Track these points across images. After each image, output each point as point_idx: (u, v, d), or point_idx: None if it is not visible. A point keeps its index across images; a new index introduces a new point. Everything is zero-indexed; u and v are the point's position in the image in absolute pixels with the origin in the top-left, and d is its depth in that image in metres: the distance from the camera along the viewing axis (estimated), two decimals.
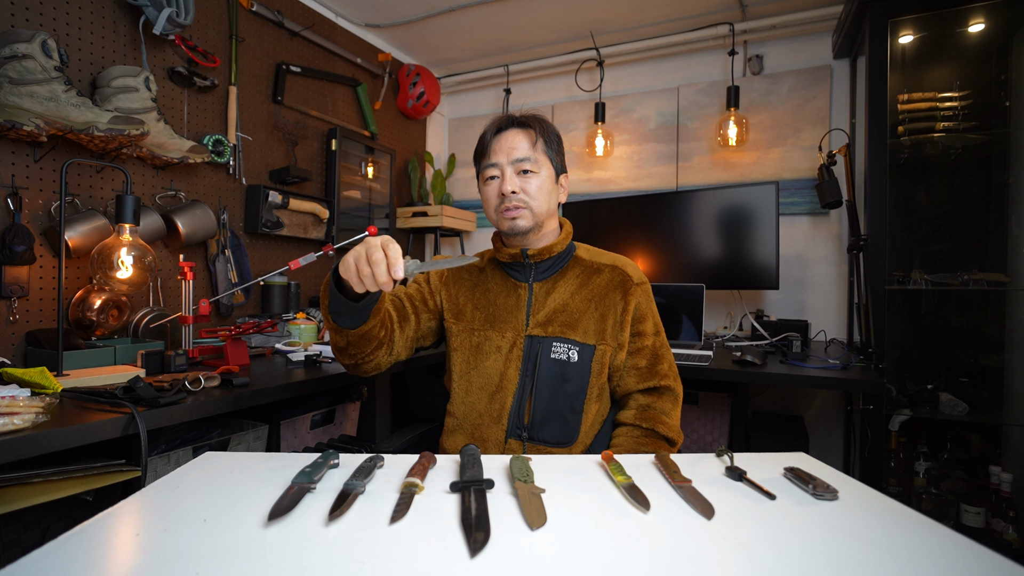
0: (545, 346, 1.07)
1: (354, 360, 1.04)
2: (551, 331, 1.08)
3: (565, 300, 1.10)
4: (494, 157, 1.08)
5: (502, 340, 1.10)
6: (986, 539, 1.59)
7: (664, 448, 1.06)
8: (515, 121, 1.10)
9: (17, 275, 1.37)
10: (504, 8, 2.35)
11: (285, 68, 2.14)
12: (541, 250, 1.10)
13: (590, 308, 1.09)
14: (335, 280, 0.93)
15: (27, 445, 0.85)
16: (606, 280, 1.11)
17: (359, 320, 0.96)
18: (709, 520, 0.58)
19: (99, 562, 0.48)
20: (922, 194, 2.02)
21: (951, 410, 1.65)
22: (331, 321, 0.97)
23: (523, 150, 1.07)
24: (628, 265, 1.15)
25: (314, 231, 2.24)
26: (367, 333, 0.98)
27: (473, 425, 1.09)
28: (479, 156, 1.12)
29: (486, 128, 1.12)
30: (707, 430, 2.11)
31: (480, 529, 0.53)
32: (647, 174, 2.65)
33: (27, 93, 1.30)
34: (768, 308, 2.35)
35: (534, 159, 1.07)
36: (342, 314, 0.95)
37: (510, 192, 1.05)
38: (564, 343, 1.07)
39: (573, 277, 1.12)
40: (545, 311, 1.10)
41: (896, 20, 1.80)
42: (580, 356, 1.07)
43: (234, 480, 0.68)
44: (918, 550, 0.52)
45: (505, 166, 1.07)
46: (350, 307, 0.93)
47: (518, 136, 1.08)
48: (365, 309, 0.95)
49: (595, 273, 1.12)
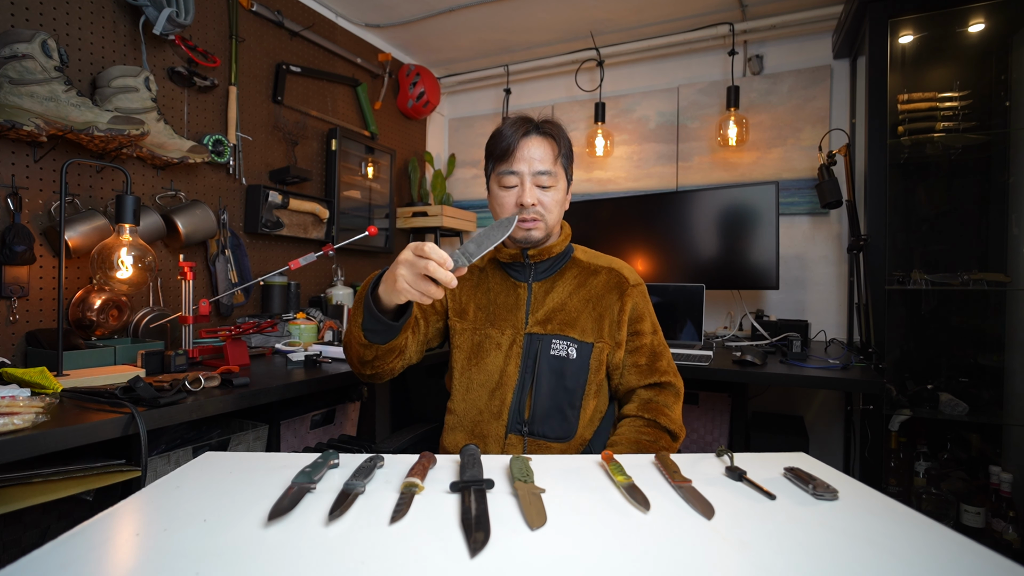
0: (544, 343, 1.10)
1: (376, 371, 1.05)
2: (550, 329, 1.10)
3: (563, 299, 1.12)
4: (516, 165, 1.06)
5: (502, 337, 1.12)
6: (986, 539, 1.60)
7: (666, 440, 1.08)
8: (538, 128, 1.09)
9: (17, 275, 1.37)
10: (504, 8, 2.35)
11: (285, 68, 2.14)
12: (540, 251, 1.12)
13: (587, 308, 1.12)
14: (374, 300, 0.93)
15: (27, 445, 0.85)
16: (603, 282, 1.14)
17: (392, 336, 0.98)
18: (709, 520, 0.58)
19: (99, 562, 0.48)
20: (922, 194, 2.03)
21: (951, 410, 1.65)
22: (363, 338, 0.98)
23: (546, 162, 1.07)
24: (624, 267, 1.18)
25: (314, 231, 2.24)
26: (395, 346, 1.01)
27: (473, 421, 1.11)
28: (497, 157, 1.09)
29: (505, 129, 1.08)
30: (707, 430, 2.11)
31: (480, 529, 0.53)
32: (647, 174, 2.65)
33: (27, 93, 1.30)
34: (768, 308, 2.35)
35: (554, 172, 1.07)
36: (377, 332, 0.97)
37: (530, 204, 1.06)
38: (563, 340, 1.10)
39: (571, 277, 1.15)
40: (544, 310, 1.12)
41: (896, 20, 1.81)
42: (578, 353, 1.09)
43: (234, 480, 0.68)
44: (918, 550, 0.52)
45: (526, 176, 1.06)
46: (387, 325, 0.95)
47: (544, 146, 1.07)
48: (400, 327, 0.96)
49: (592, 275, 1.15)
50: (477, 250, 0.84)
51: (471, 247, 0.84)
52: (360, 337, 0.98)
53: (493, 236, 0.85)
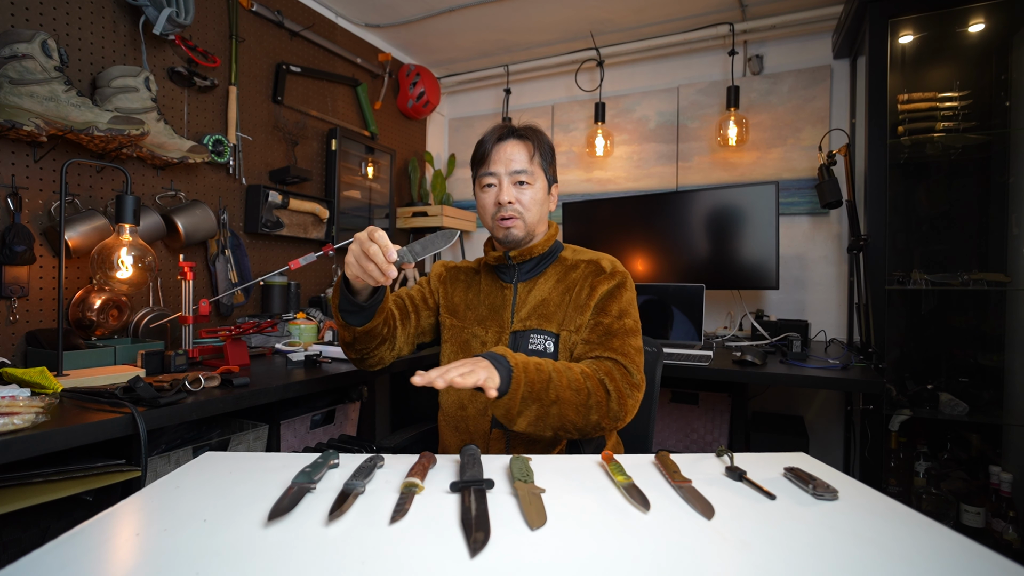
0: (524, 339, 1.12)
1: (360, 355, 1.12)
2: (529, 324, 1.12)
3: (544, 296, 1.14)
4: (493, 166, 1.13)
5: (487, 336, 1.15)
6: (986, 539, 1.59)
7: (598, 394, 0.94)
8: (514, 132, 1.15)
9: (17, 275, 1.37)
10: (504, 8, 2.35)
11: (285, 68, 2.14)
12: (522, 251, 1.15)
13: (564, 300, 1.12)
14: (345, 282, 1.02)
15: (27, 445, 0.85)
16: (580, 273, 1.14)
17: (365, 318, 1.05)
18: (709, 520, 0.58)
19: (99, 562, 0.48)
20: (922, 194, 2.02)
21: (951, 410, 1.65)
22: (340, 318, 1.06)
23: (521, 162, 1.12)
24: (604, 259, 1.14)
25: (314, 231, 2.24)
26: (372, 330, 1.07)
27: (459, 417, 1.14)
28: (477, 163, 1.17)
29: (485, 136, 1.16)
30: (707, 430, 2.11)
31: (480, 529, 0.53)
32: (647, 174, 2.65)
33: (27, 93, 1.30)
34: (768, 308, 2.35)
35: (530, 171, 1.12)
36: (351, 312, 1.04)
37: (507, 202, 1.10)
38: (540, 334, 1.11)
39: (553, 275, 1.16)
40: (527, 307, 1.14)
41: (896, 20, 1.80)
42: (556, 346, 1.10)
43: (234, 480, 0.68)
44: (918, 550, 0.52)
45: (503, 176, 1.12)
46: (358, 306, 1.03)
47: (518, 147, 1.13)
48: (371, 308, 1.04)
49: (572, 269, 1.16)
50: (422, 251, 0.94)
51: (417, 247, 0.94)
52: (339, 318, 1.06)
53: (437, 243, 0.95)
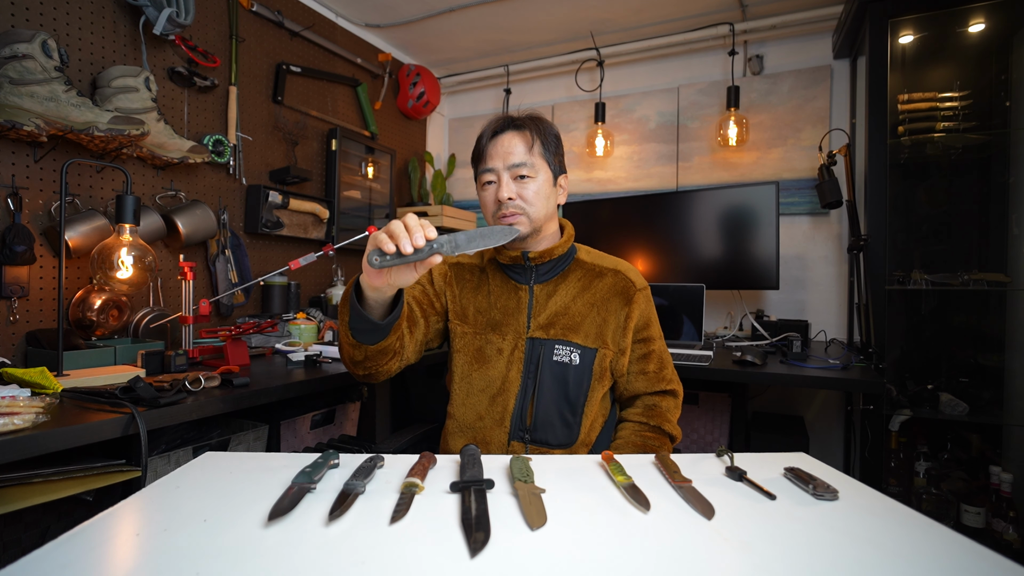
0: (547, 348, 1.07)
1: (369, 372, 1.01)
2: (553, 334, 1.08)
3: (567, 303, 1.09)
4: (490, 162, 1.06)
5: (503, 343, 1.09)
6: (986, 539, 1.59)
7: (666, 444, 1.11)
8: (512, 123, 1.08)
9: (17, 275, 1.37)
10: (504, 8, 2.35)
11: (285, 68, 2.14)
12: (542, 253, 1.09)
13: (592, 312, 1.09)
14: (356, 297, 0.91)
15: (27, 445, 0.85)
16: (609, 285, 1.11)
17: (380, 336, 0.94)
18: (709, 520, 0.58)
19: (99, 562, 0.48)
20: (922, 194, 2.02)
21: (951, 410, 1.65)
22: (350, 336, 0.94)
23: (519, 154, 1.05)
24: (630, 270, 1.15)
25: (314, 231, 2.24)
26: (386, 348, 0.97)
27: (474, 428, 1.09)
28: (476, 159, 1.11)
29: (483, 131, 1.10)
30: (707, 430, 2.11)
31: (480, 529, 0.53)
32: (647, 174, 2.65)
33: (27, 93, 1.30)
34: (768, 308, 2.35)
35: (531, 163, 1.05)
36: (364, 331, 0.93)
37: (507, 199, 1.04)
38: (566, 346, 1.07)
39: (575, 280, 1.12)
40: (546, 313, 1.09)
41: (896, 20, 1.80)
42: (582, 359, 1.07)
43: (234, 480, 0.68)
44: (918, 550, 0.52)
45: (501, 171, 1.05)
46: (374, 324, 0.91)
47: (515, 139, 1.06)
48: (388, 327, 0.93)
49: (597, 277, 1.12)
50: (466, 244, 0.83)
51: (461, 239, 0.83)
52: (348, 336, 0.94)
53: (487, 241, 0.84)
